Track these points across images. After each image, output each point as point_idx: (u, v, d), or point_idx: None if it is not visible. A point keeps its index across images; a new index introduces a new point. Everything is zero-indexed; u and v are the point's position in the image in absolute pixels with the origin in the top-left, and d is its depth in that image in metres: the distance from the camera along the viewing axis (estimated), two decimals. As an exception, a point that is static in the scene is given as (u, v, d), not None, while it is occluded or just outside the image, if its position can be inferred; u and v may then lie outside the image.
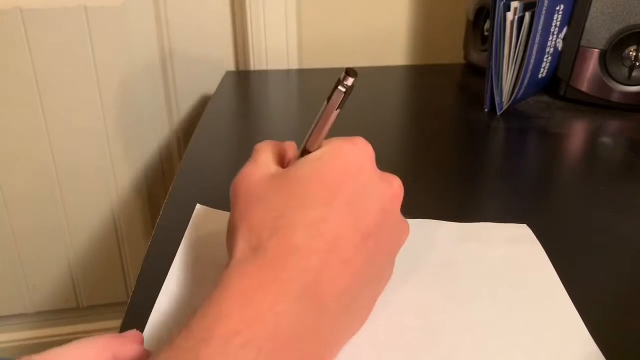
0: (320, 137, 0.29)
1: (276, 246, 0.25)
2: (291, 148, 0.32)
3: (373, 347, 0.28)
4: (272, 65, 0.89)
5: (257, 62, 0.89)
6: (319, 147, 0.29)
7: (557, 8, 0.62)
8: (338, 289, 0.25)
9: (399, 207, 0.30)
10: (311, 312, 0.24)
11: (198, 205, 0.41)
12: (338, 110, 0.29)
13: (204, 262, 0.34)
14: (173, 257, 0.34)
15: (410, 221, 0.31)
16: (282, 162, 0.31)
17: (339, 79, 0.28)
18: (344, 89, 0.28)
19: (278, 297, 0.23)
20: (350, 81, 0.28)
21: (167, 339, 0.22)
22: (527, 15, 0.60)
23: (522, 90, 0.65)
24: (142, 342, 0.27)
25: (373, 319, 0.29)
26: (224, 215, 0.39)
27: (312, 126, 0.29)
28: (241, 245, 0.26)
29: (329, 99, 0.29)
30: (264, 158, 0.30)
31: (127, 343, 0.25)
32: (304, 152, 0.29)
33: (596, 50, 0.65)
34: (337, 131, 0.30)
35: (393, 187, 0.29)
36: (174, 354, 0.21)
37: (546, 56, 0.66)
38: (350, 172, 0.27)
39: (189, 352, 0.21)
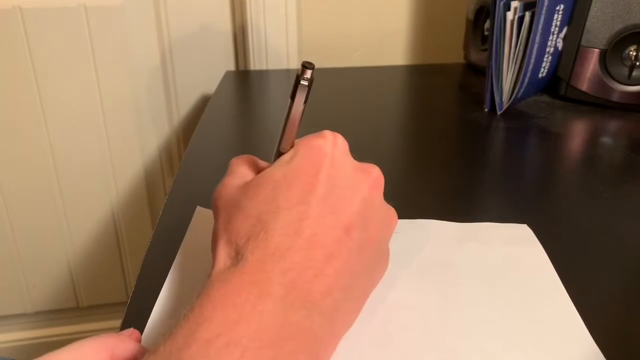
0: (291, 137, 0.29)
1: (254, 251, 0.25)
2: (265, 162, 0.32)
3: (373, 347, 0.28)
4: (272, 65, 0.89)
5: (257, 62, 0.89)
6: (291, 147, 0.29)
7: (557, 8, 0.62)
8: (325, 285, 0.25)
9: (381, 195, 0.30)
10: (299, 311, 0.24)
11: (198, 207, 0.41)
12: (304, 105, 0.29)
13: (203, 264, 0.34)
14: (173, 257, 0.34)
15: (410, 221, 0.31)
16: (259, 171, 0.31)
17: (297, 75, 0.28)
18: (306, 83, 0.28)
19: (261, 298, 0.23)
20: (309, 74, 0.28)
21: (152, 347, 0.22)
22: (527, 15, 0.60)
23: (522, 90, 0.65)
24: (139, 339, 0.27)
25: (373, 319, 0.29)
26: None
27: (282, 127, 0.29)
28: (221, 257, 0.26)
29: (292, 96, 0.28)
30: (240, 170, 0.30)
31: (125, 341, 0.25)
32: (278, 155, 0.29)
33: (596, 50, 0.65)
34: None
35: (372, 176, 0.29)
36: (157, 359, 0.21)
37: (546, 56, 0.66)
38: (323, 167, 0.27)
39: (171, 356, 0.21)
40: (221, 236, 0.27)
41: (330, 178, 0.27)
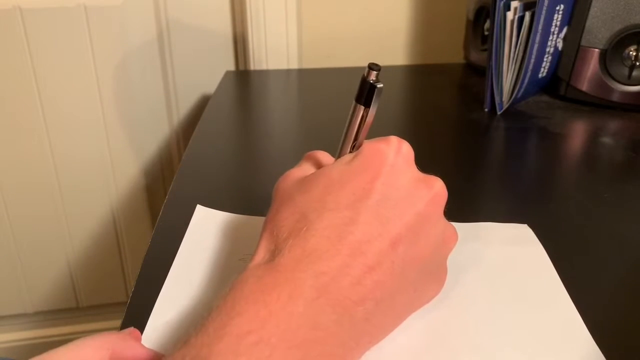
0: (350, 140, 0.29)
1: (292, 249, 0.25)
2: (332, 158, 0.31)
3: (373, 347, 0.28)
4: (272, 65, 0.89)
5: (257, 62, 0.89)
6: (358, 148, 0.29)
7: (558, 8, 0.62)
8: (359, 295, 0.24)
9: (441, 211, 0.28)
10: (330, 315, 0.23)
11: (198, 206, 0.40)
12: (365, 108, 0.28)
13: (203, 263, 0.34)
14: (173, 257, 0.34)
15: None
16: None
17: (364, 77, 0.28)
18: (382, 85, 0.27)
19: (292, 298, 0.23)
20: (373, 75, 0.27)
21: (184, 337, 0.22)
22: (527, 15, 0.60)
23: (522, 90, 0.65)
24: (139, 338, 0.27)
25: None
26: (224, 217, 0.40)
27: (345, 130, 0.29)
28: (261, 249, 0.26)
29: (357, 99, 0.28)
30: (305, 164, 0.30)
31: (125, 340, 0.26)
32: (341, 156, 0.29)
33: (596, 50, 0.65)
34: (336, 130, 0.30)
35: (432, 190, 0.27)
36: (188, 351, 0.21)
37: (546, 56, 0.66)
38: (381, 174, 0.27)
39: (202, 349, 0.21)
40: (266, 227, 0.27)
41: (386, 186, 0.26)
